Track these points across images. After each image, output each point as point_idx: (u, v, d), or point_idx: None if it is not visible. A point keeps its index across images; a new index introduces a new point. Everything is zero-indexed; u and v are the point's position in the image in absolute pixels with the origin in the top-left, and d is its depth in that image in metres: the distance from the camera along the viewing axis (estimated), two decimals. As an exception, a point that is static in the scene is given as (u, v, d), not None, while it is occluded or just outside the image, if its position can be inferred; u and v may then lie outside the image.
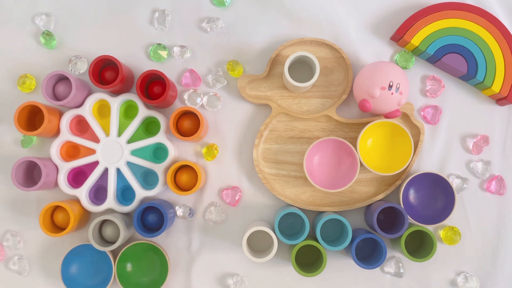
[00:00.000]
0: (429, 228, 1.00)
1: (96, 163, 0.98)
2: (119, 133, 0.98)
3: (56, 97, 0.97)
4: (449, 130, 1.02)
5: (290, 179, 1.00)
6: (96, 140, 0.98)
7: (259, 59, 1.02)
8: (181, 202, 1.01)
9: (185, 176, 0.97)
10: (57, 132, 0.97)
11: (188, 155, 1.02)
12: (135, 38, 1.02)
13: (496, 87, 0.98)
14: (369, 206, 0.99)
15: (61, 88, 0.97)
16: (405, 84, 0.93)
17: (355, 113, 1.02)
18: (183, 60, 1.02)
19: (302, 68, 1.01)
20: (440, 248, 1.00)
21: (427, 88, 1.02)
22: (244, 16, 1.03)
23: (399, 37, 1.00)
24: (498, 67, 0.98)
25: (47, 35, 1.01)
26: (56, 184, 0.97)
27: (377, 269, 1.00)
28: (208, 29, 1.02)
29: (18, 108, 0.93)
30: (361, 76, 0.95)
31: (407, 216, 0.93)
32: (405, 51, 1.02)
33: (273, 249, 0.92)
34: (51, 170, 0.95)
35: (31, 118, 0.97)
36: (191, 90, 1.01)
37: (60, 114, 0.98)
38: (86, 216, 0.99)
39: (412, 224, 0.96)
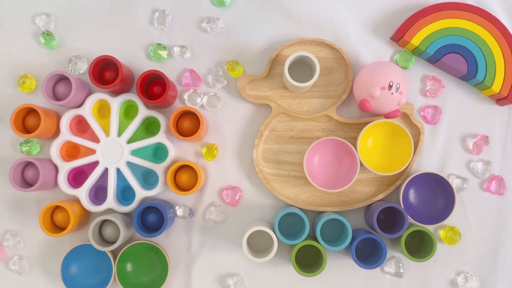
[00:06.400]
0: (429, 228, 1.00)
1: (96, 163, 0.98)
2: (119, 133, 0.98)
3: (56, 97, 0.97)
4: (449, 130, 1.02)
5: (290, 179, 1.00)
6: (96, 140, 0.98)
7: (259, 59, 1.02)
8: (181, 202, 1.01)
9: (185, 176, 0.97)
10: (54, 134, 0.97)
11: (188, 155, 1.02)
12: (135, 38, 1.02)
13: (496, 87, 0.98)
14: (369, 206, 0.99)
15: (61, 88, 0.97)
16: (405, 84, 0.93)
17: (355, 113, 1.02)
18: (183, 60, 1.02)
19: (302, 68, 1.01)
20: (440, 248, 1.00)
21: (427, 88, 1.02)
22: (244, 16, 1.03)
23: (399, 37, 1.00)
24: (498, 67, 0.98)
25: (47, 35, 1.01)
26: (54, 184, 0.98)
27: (377, 269, 1.00)
28: (208, 29, 1.02)
29: (14, 111, 0.93)
30: (361, 76, 0.95)
31: (407, 216, 0.93)
32: (405, 51, 1.02)
33: (273, 249, 0.92)
34: (49, 171, 0.95)
35: (28, 120, 0.96)
36: (191, 90, 1.01)
37: (57, 115, 0.98)
38: (86, 216, 0.99)
39: (412, 224, 0.96)
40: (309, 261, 0.99)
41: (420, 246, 0.98)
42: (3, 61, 1.02)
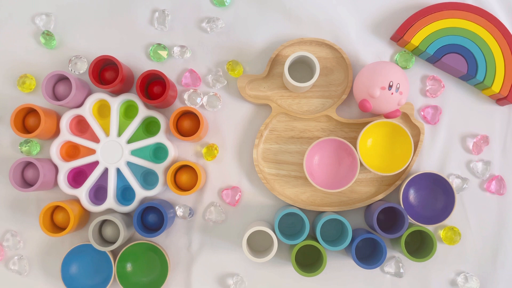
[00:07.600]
0: (429, 228, 1.00)
1: (96, 163, 0.98)
2: (119, 133, 0.98)
3: (56, 97, 0.97)
4: (449, 130, 1.02)
5: (290, 179, 1.00)
6: (96, 140, 0.98)
7: (259, 59, 1.02)
8: (181, 202, 1.01)
9: (185, 176, 0.97)
10: (54, 134, 0.97)
11: (188, 155, 1.02)
12: (135, 38, 1.02)
13: (496, 87, 0.98)
14: (369, 206, 0.99)
15: (61, 88, 0.97)
16: (405, 84, 0.93)
17: (355, 113, 1.02)
18: (183, 60, 1.02)
19: (302, 68, 1.01)
20: (440, 248, 1.00)
21: (427, 88, 1.02)
22: (244, 16, 1.03)
23: (399, 37, 1.00)
24: (498, 67, 0.98)
25: (47, 35, 1.01)
26: (54, 184, 0.98)
27: (377, 269, 1.00)
28: (208, 29, 1.02)
29: (14, 111, 0.93)
30: (361, 76, 0.95)
31: (407, 216, 0.93)
32: (405, 51, 1.02)
33: (273, 249, 0.92)
34: (49, 171, 0.95)
35: (28, 120, 0.97)
36: (191, 90, 1.01)
37: (57, 115, 0.98)
38: (86, 216, 0.99)
39: (412, 224, 0.96)
40: (309, 261, 0.99)
41: (420, 246, 0.98)
42: (3, 61, 1.02)
